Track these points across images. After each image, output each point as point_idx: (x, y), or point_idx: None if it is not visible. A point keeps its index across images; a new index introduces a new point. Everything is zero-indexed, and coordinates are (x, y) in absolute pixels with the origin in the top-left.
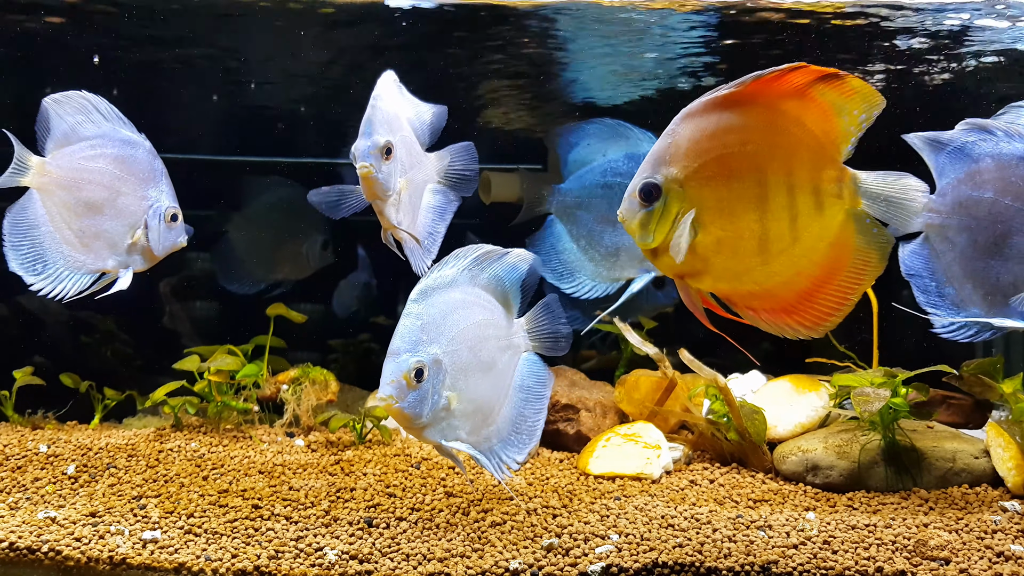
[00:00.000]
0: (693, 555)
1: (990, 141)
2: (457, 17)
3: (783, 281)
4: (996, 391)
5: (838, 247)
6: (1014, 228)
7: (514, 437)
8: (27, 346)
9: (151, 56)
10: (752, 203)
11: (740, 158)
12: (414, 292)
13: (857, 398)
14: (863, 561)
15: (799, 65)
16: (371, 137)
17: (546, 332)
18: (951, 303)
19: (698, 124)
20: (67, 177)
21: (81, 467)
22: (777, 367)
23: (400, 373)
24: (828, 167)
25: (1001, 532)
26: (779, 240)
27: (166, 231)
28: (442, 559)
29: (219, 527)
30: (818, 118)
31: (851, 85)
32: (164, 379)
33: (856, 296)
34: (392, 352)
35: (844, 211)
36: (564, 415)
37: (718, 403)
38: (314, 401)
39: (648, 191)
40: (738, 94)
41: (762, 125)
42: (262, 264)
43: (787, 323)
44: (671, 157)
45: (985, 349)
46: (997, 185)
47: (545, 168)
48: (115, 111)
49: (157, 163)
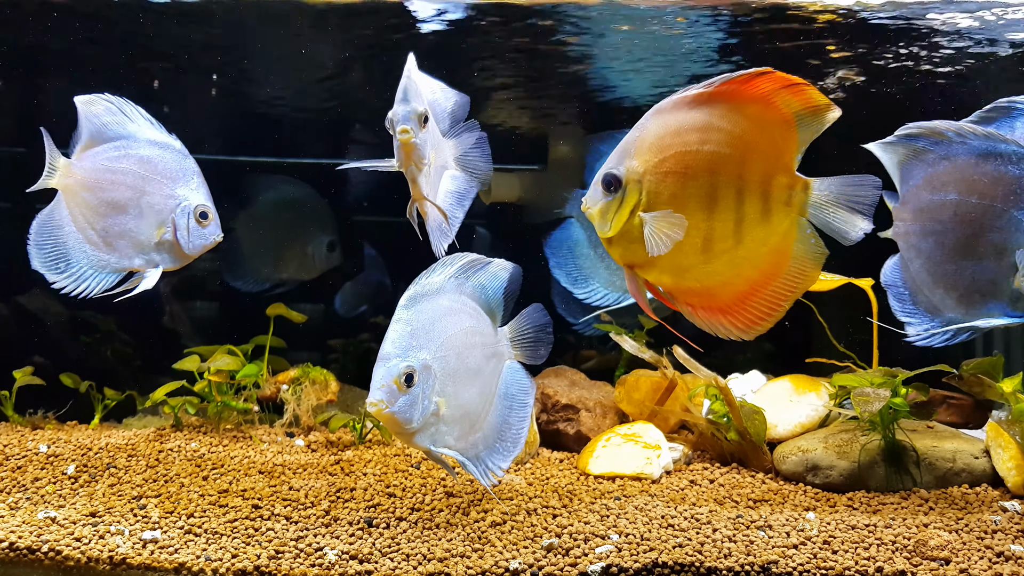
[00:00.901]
0: (693, 555)
1: (942, 144)
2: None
3: (722, 281)
4: (996, 391)
5: (778, 254)
6: (985, 225)
7: (499, 444)
8: (27, 346)
9: (156, 55)
10: (702, 202)
11: (697, 157)
12: (403, 298)
13: (857, 398)
14: (863, 561)
15: (766, 71)
16: (409, 104)
17: (529, 340)
18: (926, 310)
19: (664, 120)
20: (90, 178)
21: (81, 467)
22: (777, 367)
23: (391, 378)
24: (781, 174)
25: (1001, 532)
26: (723, 241)
27: (196, 229)
28: (442, 559)
29: (219, 527)
30: (778, 125)
31: (812, 96)
32: (164, 379)
33: (788, 303)
34: (382, 357)
35: (790, 219)
36: (564, 415)
37: (718, 403)
38: (314, 401)
39: (609, 181)
40: (707, 94)
41: (723, 127)
42: (267, 263)
43: (721, 322)
44: (636, 150)
45: (985, 349)
46: (960, 186)
47: (546, 168)
48: (142, 113)
49: (188, 163)
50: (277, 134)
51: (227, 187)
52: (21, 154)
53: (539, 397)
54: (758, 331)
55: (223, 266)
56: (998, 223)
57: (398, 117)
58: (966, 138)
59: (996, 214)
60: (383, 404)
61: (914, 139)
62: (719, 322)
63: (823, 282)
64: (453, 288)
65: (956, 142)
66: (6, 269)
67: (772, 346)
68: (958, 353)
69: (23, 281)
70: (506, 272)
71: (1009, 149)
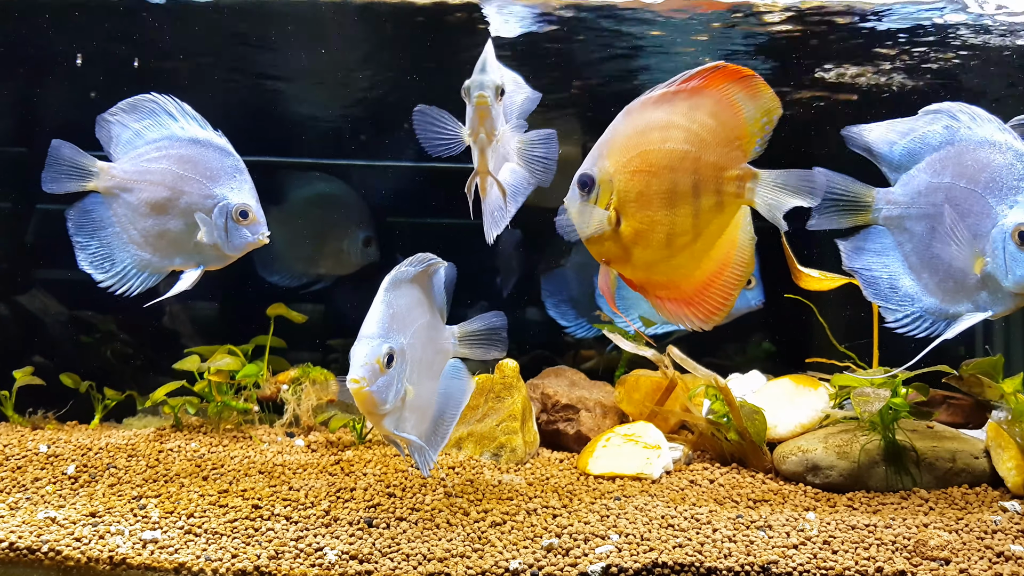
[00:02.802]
0: (693, 555)
1: (951, 129)
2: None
3: (685, 274)
4: (996, 391)
5: (728, 243)
6: (966, 210)
7: (433, 438)
8: (27, 346)
9: (187, 57)
10: (666, 198)
11: (659, 155)
12: (387, 280)
13: (857, 398)
14: (863, 561)
15: (719, 64)
16: (487, 74)
17: (481, 341)
18: (903, 296)
19: (632, 120)
20: (130, 180)
21: (81, 467)
22: (777, 367)
23: (373, 357)
24: (731, 167)
25: (1001, 532)
26: (683, 235)
27: (235, 229)
28: (442, 559)
29: (219, 527)
30: (730, 118)
31: (759, 88)
32: (164, 379)
33: (737, 293)
34: (366, 336)
35: (739, 208)
36: (564, 415)
37: (718, 403)
38: (314, 401)
39: (584, 182)
40: (670, 93)
41: (681, 124)
42: (301, 258)
43: (685, 313)
44: (607, 151)
45: (984, 349)
46: (955, 170)
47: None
48: (186, 109)
49: (228, 160)
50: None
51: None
52: (22, 154)
53: (539, 397)
54: (715, 321)
55: (257, 262)
56: (975, 208)
57: (475, 84)
58: (979, 125)
59: (975, 199)
60: (364, 382)
61: (935, 118)
62: (684, 313)
63: (823, 282)
64: (421, 281)
65: (965, 126)
66: (6, 269)
67: (772, 346)
68: (958, 354)
69: (23, 281)
70: (451, 271)
71: (1005, 140)
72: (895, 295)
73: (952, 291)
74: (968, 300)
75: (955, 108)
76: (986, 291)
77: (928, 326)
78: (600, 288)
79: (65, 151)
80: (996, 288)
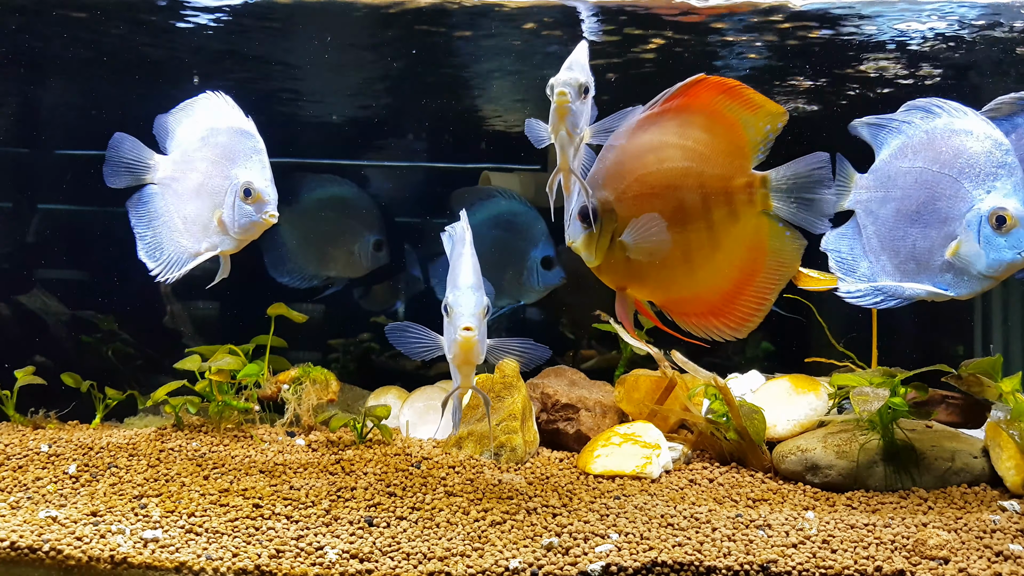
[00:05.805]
0: (692, 554)
1: (928, 119)
2: None
3: (709, 286)
4: (995, 390)
5: (754, 251)
6: (937, 193)
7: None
8: (28, 346)
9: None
10: (673, 216)
11: (657, 176)
12: (468, 234)
13: (856, 398)
14: (862, 560)
15: (700, 78)
16: (572, 72)
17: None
18: (861, 277)
19: (623, 147)
20: (178, 170)
21: (82, 466)
22: (777, 367)
23: (480, 307)
24: (737, 175)
25: (1000, 531)
26: (701, 248)
27: (240, 207)
28: (442, 558)
29: (220, 526)
30: (725, 130)
31: (753, 98)
32: (165, 379)
33: (773, 297)
34: (471, 285)
35: (756, 215)
36: (564, 415)
37: (717, 403)
38: (315, 400)
39: (585, 215)
40: (655, 114)
41: (675, 142)
42: (312, 259)
43: (714, 325)
44: (603, 181)
45: (984, 348)
46: (928, 155)
47: (544, 168)
48: (226, 99)
49: (248, 142)
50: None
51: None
52: (22, 154)
53: (539, 396)
54: (750, 327)
55: (268, 261)
56: (948, 191)
57: (558, 81)
58: (955, 117)
59: (948, 183)
60: (474, 332)
61: (914, 111)
62: (712, 325)
63: (823, 281)
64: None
65: (939, 118)
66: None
67: (772, 346)
68: (958, 353)
69: (24, 281)
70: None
71: (984, 129)
72: (853, 276)
73: (912, 272)
74: (930, 282)
75: (934, 102)
76: (951, 273)
77: (878, 301)
78: (620, 317)
79: (126, 145)
80: (964, 271)
